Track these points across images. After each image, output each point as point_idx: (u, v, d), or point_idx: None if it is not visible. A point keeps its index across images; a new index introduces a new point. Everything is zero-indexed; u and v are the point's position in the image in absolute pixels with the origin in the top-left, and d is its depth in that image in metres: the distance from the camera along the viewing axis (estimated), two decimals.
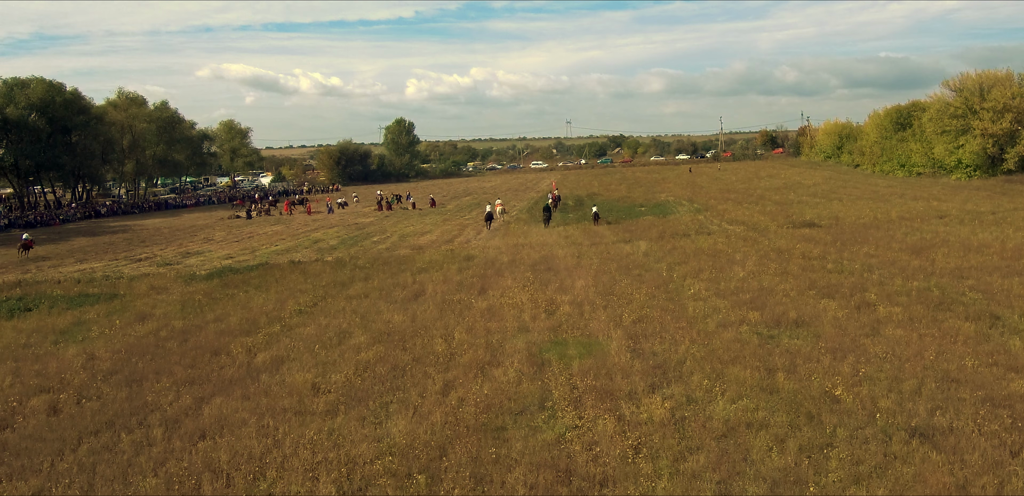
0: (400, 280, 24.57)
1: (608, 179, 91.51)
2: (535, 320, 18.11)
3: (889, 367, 13.21)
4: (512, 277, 24.06)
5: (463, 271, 25.76)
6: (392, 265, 28.31)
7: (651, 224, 38.45)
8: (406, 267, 27.52)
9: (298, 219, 57.66)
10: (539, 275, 24.28)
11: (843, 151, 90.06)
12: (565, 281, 22.96)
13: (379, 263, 29.00)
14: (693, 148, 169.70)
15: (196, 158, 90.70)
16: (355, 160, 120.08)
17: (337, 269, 28.00)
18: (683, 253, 27.40)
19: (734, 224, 36.62)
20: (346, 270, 27.62)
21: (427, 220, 50.00)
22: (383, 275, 25.91)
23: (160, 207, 76.75)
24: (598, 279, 22.94)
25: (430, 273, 25.68)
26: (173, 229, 53.86)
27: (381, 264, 28.72)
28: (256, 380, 14.46)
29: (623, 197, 60.15)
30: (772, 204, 45.83)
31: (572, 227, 39.78)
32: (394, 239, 39.23)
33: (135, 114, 78.49)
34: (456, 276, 24.74)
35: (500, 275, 24.63)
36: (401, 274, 25.84)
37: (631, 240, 32.61)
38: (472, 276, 24.56)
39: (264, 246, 39.17)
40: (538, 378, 13.71)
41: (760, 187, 62.75)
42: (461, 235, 39.72)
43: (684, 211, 45.37)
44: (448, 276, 24.84)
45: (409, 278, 24.84)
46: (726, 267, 23.79)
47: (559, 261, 27.13)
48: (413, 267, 27.41)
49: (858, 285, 19.94)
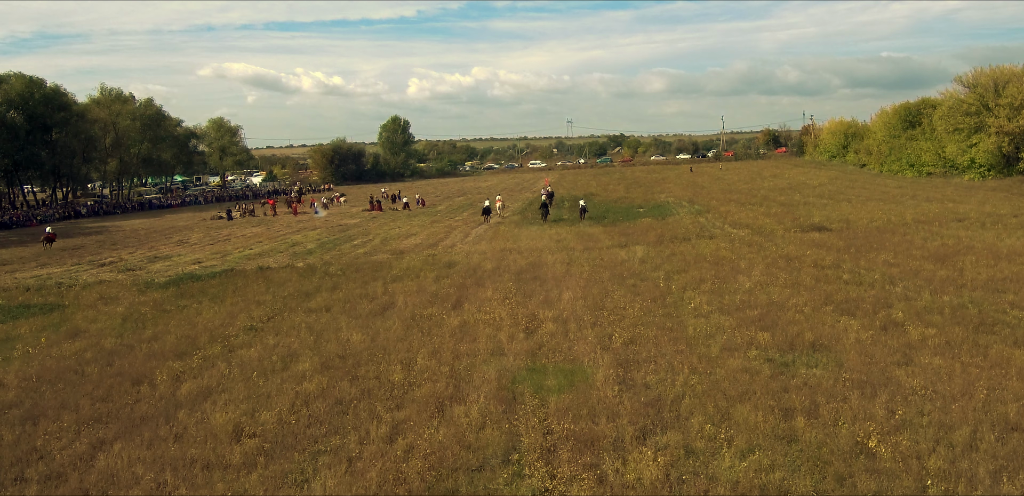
0: (369, 290, 22.22)
1: (606, 179, 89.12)
2: (512, 341, 15.77)
3: (932, 408, 10.86)
4: (493, 287, 21.71)
5: (441, 280, 23.42)
6: (366, 272, 25.97)
7: (649, 227, 36.10)
8: (380, 275, 25.18)
9: (282, 220, 55.33)
10: (523, 285, 21.94)
11: (849, 150, 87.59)
12: (551, 292, 20.62)
13: (352, 270, 26.66)
14: (694, 147, 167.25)
15: (183, 157, 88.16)
16: (349, 159, 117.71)
17: (305, 277, 25.66)
18: (683, 260, 25.06)
19: (738, 227, 34.27)
20: (314, 278, 25.28)
21: (415, 222, 47.66)
22: (353, 284, 23.56)
23: (144, 207, 74.41)
24: (588, 290, 20.60)
25: (404, 282, 23.34)
26: (150, 231, 51.54)
27: (354, 271, 26.38)
28: (171, 419, 12.12)
29: (621, 197, 57.80)
30: (777, 205, 43.47)
31: (565, 229, 37.44)
32: (376, 242, 36.89)
33: (118, 111, 76.01)
34: (432, 286, 22.38)
35: (480, 285, 22.28)
36: (372, 283, 23.50)
37: (627, 244, 30.27)
38: (450, 286, 22.21)
39: (238, 250, 36.83)
40: (506, 419, 11.38)
41: (764, 187, 60.37)
42: (447, 238, 37.38)
43: (684, 213, 43.03)
44: (423, 286, 22.50)
45: (380, 288, 22.49)
46: (730, 277, 21.44)
47: (547, 269, 24.78)
48: (388, 275, 25.07)
49: (881, 300, 17.58)
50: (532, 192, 72.17)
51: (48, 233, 43.48)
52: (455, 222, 46.05)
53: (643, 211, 45.89)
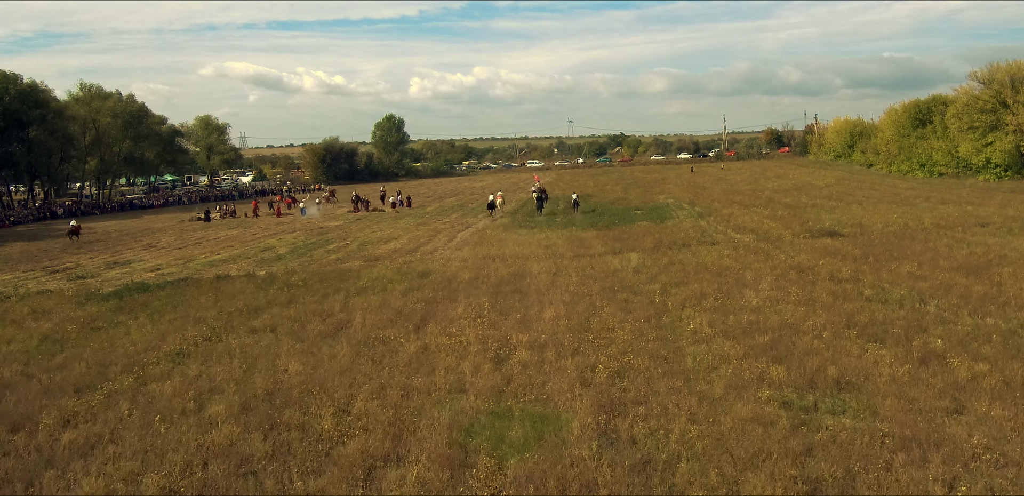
0: (327, 306, 19.65)
1: (604, 179, 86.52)
2: (476, 373, 13.22)
3: (1005, 483, 8.31)
4: (467, 302, 19.14)
5: (410, 293, 20.85)
6: (329, 283, 23.42)
7: (646, 231, 33.53)
8: (344, 286, 22.61)
9: (262, 222, 52.75)
10: (501, 299, 19.38)
11: (855, 150, 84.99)
12: (531, 309, 18.07)
13: (316, 280, 24.10)
14: (695, 147, 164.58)
15: (167, 155, 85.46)
16: (341, 158, 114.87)
17: (262, 288, 23.10)
18: (682, 270, 22.49)
19: (741, 232, 31.70)
20: (271, 289, 22.73)
21: (399, 224, 45.09)
22: (311, 298, 21.00)
23: (125, 208, 71.79)
24: (573, 306, 18.05)
25: (368, 296, 20.77)
26: (123, 233, 48.97)
27: (318, 281, 23.82)
28: (32, 483, 9.58)
29: (618, 199, 55.21)
30: (783, 208, 40.89)
31: (556, 233, 34.88)
32: (353, 247, 34.33)
33: (98, 108, 73.32)
34: (398, 301, 19.81)
35: (453, 299, 19.71)
36: (333, 297, 20.93)
37: (621, 251, 27.72)
38: (417, 301, 19.64)
39: (205, 255, 34.28)
40: (450, 488, 8.83)
41: (768, 188, 57.77)
42: (430, 242, 34.83)
43: (684, 215, 40.45)
44: (388, 300, 19.93)
45: (339, 303, 19.92)
46: (735, 291, 18.88)
47: (531, 279, 22.22)
48: (353, 286, 22.50)
49: (913, 322, 15.01)
50: (527, 192, 69.55)
51: (73, 226, 44.83)
52: (442, 225, 43.50)
53: (640, 214, 43.33)
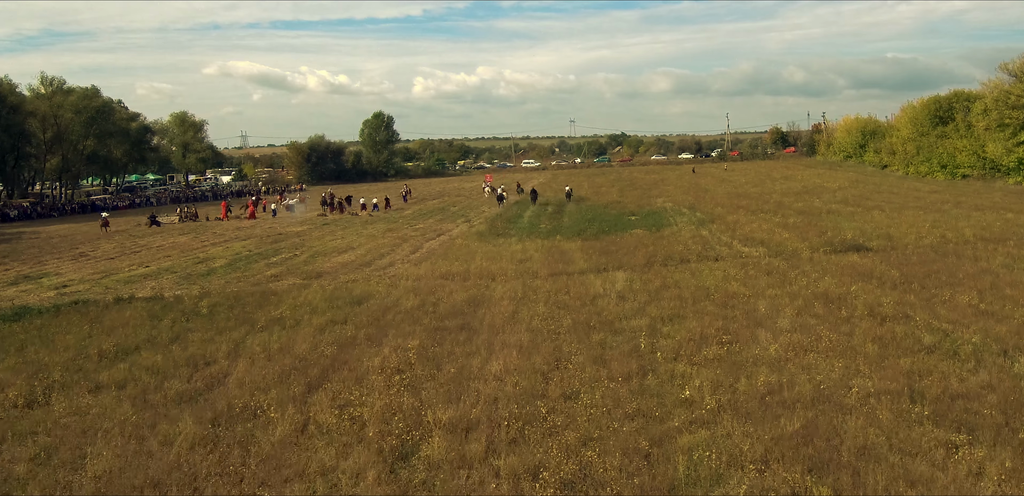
0: (213, 349, 15.04)
1: (601, 180, 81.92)
2: (358, 482, 8.66)
3: None
4: (394, 345, 14.56)
5: (328, 330, 16.26)
6: (241, 310, 18.83)
7: (639, 242, 28.94)
8: (255, 316, 18.02)
9: (222, 227, 48.14)
10: (440, 341, 14.81)
11: (867, 150, 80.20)
12: (475, 357, 13.51)
13: (227, 306, 19.49)
14: (697, 147, 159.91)
15: (135, 154, 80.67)
16: (328, 157, 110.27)
17: (158, 316, 18.53)
18: (678, 296, 17.90)
19: (749, 244, 27.10)
20: (167, 319, 18.15)
21: (366, 230, 40.52)
22: (203, 334, 16.42)
23: (86, 210, 67.10)
24: (531, 353, 13.48)
25: (274, 333, 16.16)
26: (64, 239, 44.39)
27: (228, 308, 19.21)
28: None
29: (613, 202, 50.57)
30: (795, 214, 36.27)
31: (535, 243, 30.31)
32: (300, 259, 29.78)
33: (60, 103, 68.65)
34: (306, 342, 15.20)
35: (378, 340, 15.12)
36: (231, 333, 16.33)
37: (607, 268, 23.16)
38: (332, 342, 15.05)
39: (132, 267, 29.74)
40: None
41: (776, 191, 53.08)
42: (391, 254, 30.28)
43: (684, 222, 35.85)
44: (295, 341, 15.33)
45: (230, 344, 15.31)
46: (745, 331, 14.29)
47: (488, 309, 17.65)
48: (265, 317, 17.90)
49: (1007, 396, 10.39)
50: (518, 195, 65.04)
51: (104, 217, 49.32)
52: (413, 231, 38.94)
53: (635, 219, 38.76)
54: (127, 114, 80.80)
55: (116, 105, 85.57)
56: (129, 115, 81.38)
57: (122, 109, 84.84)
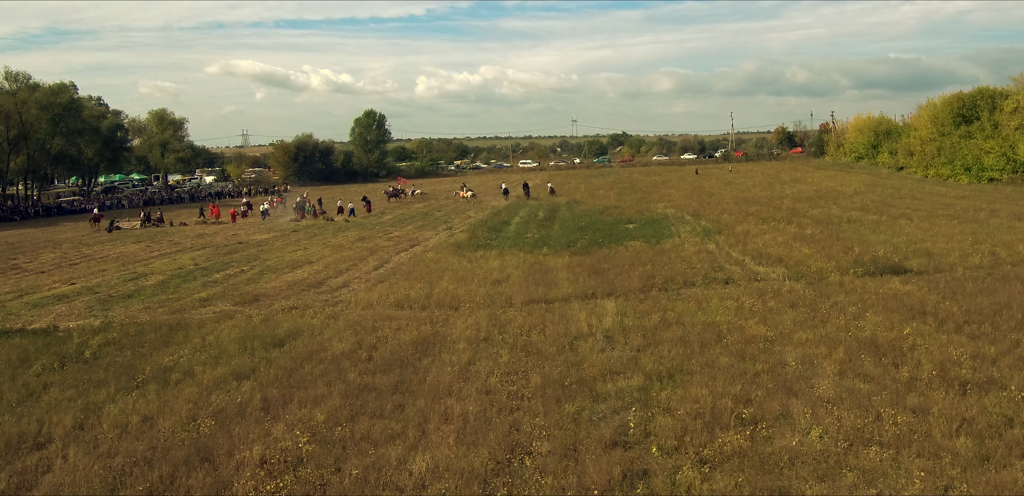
0: (54, 422, 11.15)
1: (599, 182, 77.93)
2: None
3: None
4: (295, 417, 10.69)
5: (219, 389, 12.37)
6: (131, 353, 14.97)
7: (636, 257, 25.08)
8: (144, 363, 14.15)
9: (183, 233, 44.27)
10: (359, 413, 10.93)
11: (881, 150, 76.10)
12: (397, 445, 9.65)
13: (118, 346, 15.62)
14: (700, 147, 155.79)
15: (107, 153, 76.60)
16: (315, 157, 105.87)
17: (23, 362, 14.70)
18: (681, 340, 14.03)
19: (765, 262, 23.22)
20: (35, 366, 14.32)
21: (337, 239, 36.66)
22: (61, 392, 12.56)
23: (50, 213, 63.26)
24: (476, 440, 9.62)
25: (148, 393, 12.27)
26: (9, 247, 40.56)
27: (117, 349, 15.35)
28: None
29: (609, 207, 46.55)
30: (812, 223, 32.35)
31: (517, 257, 26.45)
32: (247, 276, 25.96)
33: (24, 99, 64.66)
34: (182, 411, 11.31)
35: (276, 410, 11.22)
36: (93, 393, 12.46)
37: (595, 294, 19.31)
38: (213, 414, 11.15)
39: (54, 285, 25.94)
40: None
41: (787, 195, 49.10)
42: (351, 270, 26.44)
43: (687, 233, 31.94)
44: (167, 408, 11.44)
45: (79, 415, 11.44)
46: (774, 404, 10.42)
47: (439, 357, 13.78)
48: (153, 366, 13.99)
49: None
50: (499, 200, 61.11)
51: (96, 213, 50.62)
52: (387, 241, 35.04)
53: (633, 228, 34.85)
54: (98, 111, 76.75)
55: (89, 102, 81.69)
56: (100, 112, 77.31)
57: (95, 106, 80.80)
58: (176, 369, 13.58)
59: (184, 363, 13.94)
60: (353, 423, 10.40)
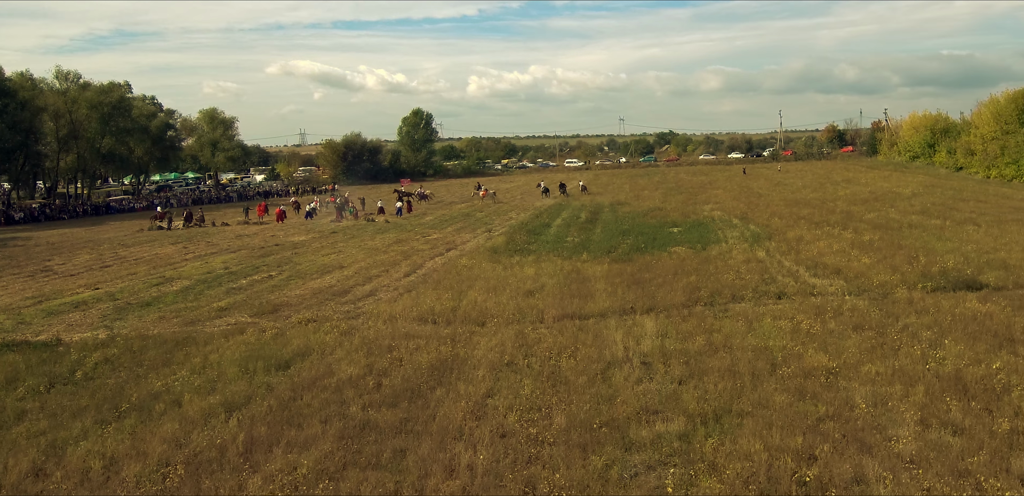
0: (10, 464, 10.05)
1: (644, 182, 75.88)
2: None
3: None
4: (277, 466, 9.36)
5: (204, 424, 11.11)
6: (127, 374, 13.89)
7: (680, 266, 23.38)
8: (135, 387, 13.02)
9: (223, 233, 43.71)
10: (351, 462, 9.55)
11: (938, 149, 72.69)
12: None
13: (114, 366, 14.55)
14: (748, 146, 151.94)
15: (157, 152, 77.14)
16: (364, 156, 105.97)
17: (10, 382, 13.69)
18: (728, 370, 12.38)
19: (822, 274, 21.32)
20: (20, 388, 13.29)
21: (371, 242, 35.58)
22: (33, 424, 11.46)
23: (99, 211, 63.67)
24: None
25: (124, 428, 11.06)
26: (50, 247, 40.41)
27: (111, 369, 14.27)
28: None
29: (654, 209, 44.69)
30: (870, 228, 30.20)
31: (554, 264, 24.95)
32: (274, 282, 24.96)
33: (75, 98, 65.22)
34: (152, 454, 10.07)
35: (258, 455, 9.90)
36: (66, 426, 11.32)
37: (634, 309, 17.72)
38: (186, 459, 9.86)
39: (76, 290, 25.29)
40: None
41: (840, 197, 46.64)
42: (382, 276, 25.25)
43: (735, 238, 30.05)
44: (137, 449, 10.21)
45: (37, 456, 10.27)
46: (844, 465, 8.75)
47: (454, 387, 12.37)
48: (143, 391, 12.82)
49: None
50: (551, 199, 59.56)
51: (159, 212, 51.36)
52: (423, 244, 33.82)
53: (678, 232, 33.03)
54: (148, 110, 77.21)
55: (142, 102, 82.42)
56: (150, 112, 77.80)
57: (146, 105, 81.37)
58: (165, 396, 12.38)
59: (176, 389, 12.74)
60: (341, 476, 9.00)
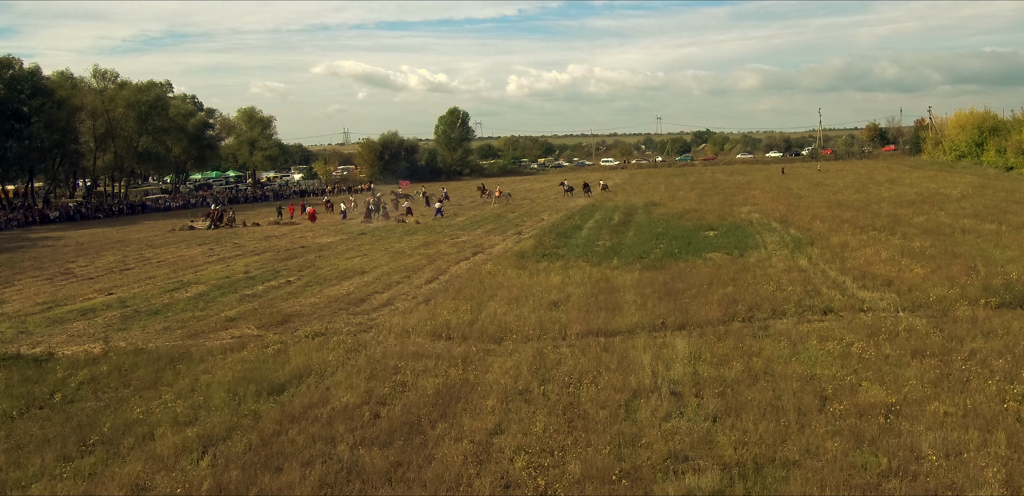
0: None
1: (680, 181, 73.98)
2: None
3: None
4: None
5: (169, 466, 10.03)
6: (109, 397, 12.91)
7: (716, 275, 21.90)
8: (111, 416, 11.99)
9: (251, 234, 43.11)
10: None
11: (986, 149, 69.80)
12: None
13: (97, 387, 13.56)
14: (786, 144, 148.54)
15: (194, 151, 77.25)
16: (400, 155, 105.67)
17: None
18: (770, 405, 10.97)
19: (871, 285, 19.65)
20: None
21: (401, 243, 34.58)
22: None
23: (134, 210, 63.72)
24: None
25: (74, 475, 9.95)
26: (79, 247, 40.17)
27: (93, 392, 13.28)
28: None
29: (689, 210, 43.01)
30: (919, 234, 28.33)
31: (582, 271, 23.63)
32: (294, 286, 24.08)
33: (112, 96, 65.42)
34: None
35: None
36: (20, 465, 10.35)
37: (664, 324, 16.35)
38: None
39: (90, 295, 24.65)
40: None
41: (884, 199, 44.46)
42: (403, 283, 24.17)
43: (775, 243, 28.41)
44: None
45: None
46: None
47: (458, 420, 11.15)
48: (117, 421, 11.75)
49: None
50: (586, 198, 58.10)
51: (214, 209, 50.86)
52: (450, 247, 32.66)
53: (714, 237, 31.43)
54: (186, 109, 77.39)
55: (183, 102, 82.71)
56: (188, 110, 78.00)
57: (183, 104, 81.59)
58: (139, 427, 11.28)
59: (155, 417, 11.67)
60: None
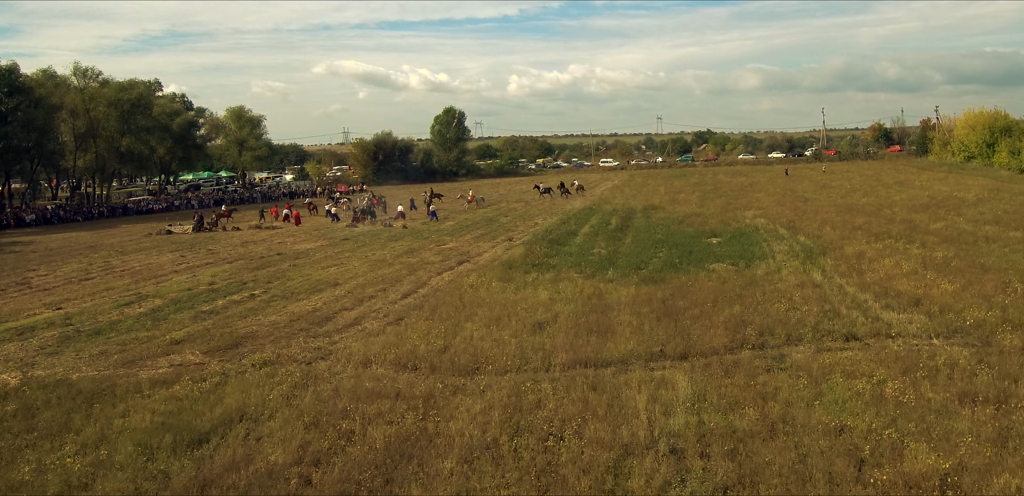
0: None
1: (681, 183, 71.84)
2: None
3: None
4: None
5: None
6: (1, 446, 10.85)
7: (719, 291, 19.80)
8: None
9: (228, 240, 41.00)
10: None
11: (997, 150, 67.82)
12: None
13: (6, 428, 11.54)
14: (789, 145, 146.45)
15: (178, 151, 75.14)
16: (395, 155, 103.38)
17: None
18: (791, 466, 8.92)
19: (895, 305, 17.55)
20: None
21: (384, 250, 32.50)
22: None
23: (115, 213, 61.58)
24: None
25: None
26: (47, 253, 38.08)
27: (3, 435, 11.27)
28: None
29: (690, 215, 40.86)
30: (939, 242, 26.27)
31: (573, 285, 21.53)
32: (258, 301, 21.98)
33: (93, 95, 63.36)
34: None
35: None
36: None
37: (663, 352, 14.26)
38: None
39: (34, 310, 22.53)
40: None
41: (896, 203, 42.35)
42: (380, 295, 22.10)
43: (784, 253, 26.32)
44: None
45: None
46: None
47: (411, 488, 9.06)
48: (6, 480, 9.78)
49: None
50: (583, 200, 55.98)
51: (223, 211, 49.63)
52: (435, 255, 30.58)
53: (716, 245, 29.34)
54: (171, 109, 75.31)
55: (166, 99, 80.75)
56: (173, 110, 75.93)
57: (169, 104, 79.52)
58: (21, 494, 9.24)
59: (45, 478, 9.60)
60: None
